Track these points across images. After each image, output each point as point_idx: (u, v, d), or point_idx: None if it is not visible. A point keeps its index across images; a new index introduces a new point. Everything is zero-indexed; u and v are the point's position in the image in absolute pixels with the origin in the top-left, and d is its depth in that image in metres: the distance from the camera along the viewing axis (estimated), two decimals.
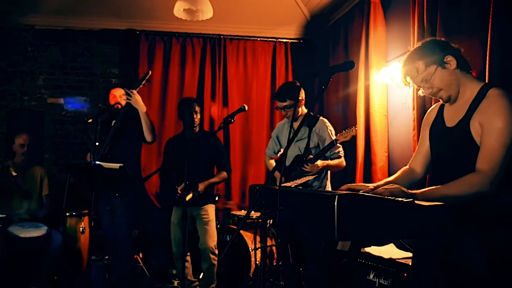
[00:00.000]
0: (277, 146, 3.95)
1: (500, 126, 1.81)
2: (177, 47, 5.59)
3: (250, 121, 5.71)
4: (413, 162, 2.27)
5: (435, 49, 1.98)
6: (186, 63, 5.59)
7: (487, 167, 1.81)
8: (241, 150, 5.67)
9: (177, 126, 5.48)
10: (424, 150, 2.21)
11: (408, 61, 2.03)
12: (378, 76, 4.15)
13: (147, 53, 5.51)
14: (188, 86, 5.59)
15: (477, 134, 1.88)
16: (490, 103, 1.87)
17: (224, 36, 5.66)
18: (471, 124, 1.90)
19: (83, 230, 4.36)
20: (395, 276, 2.78)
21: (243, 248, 4.17)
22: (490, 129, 1.83)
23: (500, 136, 1.81)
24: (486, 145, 1.84)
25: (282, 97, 3.59)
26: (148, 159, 5.42)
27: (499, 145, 1.81)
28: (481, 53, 2.61)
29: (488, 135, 1.84)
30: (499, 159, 1.80)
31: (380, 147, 4.16)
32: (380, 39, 4.24)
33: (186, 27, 5.49)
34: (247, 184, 5.60)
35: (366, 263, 3.01)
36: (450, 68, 1.96)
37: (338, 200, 1.52)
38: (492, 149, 1.82)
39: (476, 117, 1.90)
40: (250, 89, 5.75)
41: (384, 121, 4.20)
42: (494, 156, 1.81)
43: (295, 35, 5.86)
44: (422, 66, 1.98)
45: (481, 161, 1.84)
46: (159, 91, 5.54)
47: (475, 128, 1.89)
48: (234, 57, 5.73)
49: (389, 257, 2.91)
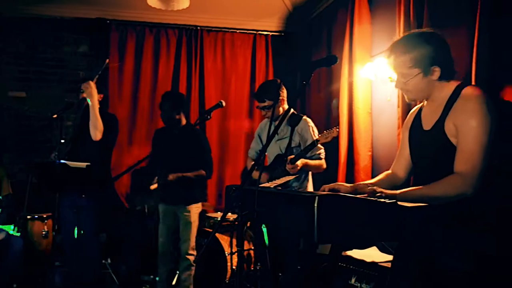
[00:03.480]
0: (260, 146, 3.94)
1: (474, 126, 1.85)
2: (150, 38, 5.53)
3: (228, 118, 5.69)
4: (395, 167, 2.31)
5: (429, 52, 1.97)
6: (160, 56, 5.54)
7: (466, 169, 1.84)
8: (217, 149, 5.65)
9: (149, 122, 5.43)
10: (405, 154, 2.24)
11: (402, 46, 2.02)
12: (362, 72, 4.18)
13: (118, 44, 5.43)
14: (162, 80, 5.54)
15: (452, 136, 1.92)
16: (464, 103, 1.91)
17: (201, 28, 5.63)
18: (445, 126, 1.94)
19: (46, 234, 4.28)
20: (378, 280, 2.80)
21: (219, 252, 4.16)
22: (465, 130, 1.87)
23: (475, 136, 1.84)
24: (463, 147, 1.87)
25: (261, 97, 3.60)
26: (118, 158, 5.35)
27: (476, 146, 1.84)
28: (468, 47, 2.65)
29: (464, 136, 1.87)
30: (478, 161, 1.84)
31: (363, 146, 4.20)
32: (365, 33, 4.27)
33: (160, 17, 5.43)
34: (223, 184, 5.59)
35: (347, 267, 3.03)
36: (431, 78, 1.99)
37: (318, 201, 1.53)
38: (469, 151, 1.85)
39: (450, 118, 1.93)
40: (229, 84, 5.73)
41: (368, 118, 4.23)
42: (472, 157, 1.84)
43: (276, 27, 5.86)
44: (408, 62, 1.98)
45: (460, 163, 1.87)
46: (131, 85, 5.48)
47: (450, 130, 1.93)
48: (212, 50, 5.70)
49: (372, 261, 2.94)
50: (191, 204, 4.01)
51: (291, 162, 3.37)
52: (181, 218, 4.01)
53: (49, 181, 3.38)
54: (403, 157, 2.27)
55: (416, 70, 1.98)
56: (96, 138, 3.66)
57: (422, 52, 1.97)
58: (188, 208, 3.99)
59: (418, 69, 1.98)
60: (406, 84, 2.03)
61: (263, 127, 3.97)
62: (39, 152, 5.44)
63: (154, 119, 5.39)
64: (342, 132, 4.35)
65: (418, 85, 2.00)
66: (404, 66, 2.00)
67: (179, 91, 5.51)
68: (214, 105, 3.74)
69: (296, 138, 3.59)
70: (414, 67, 1.98)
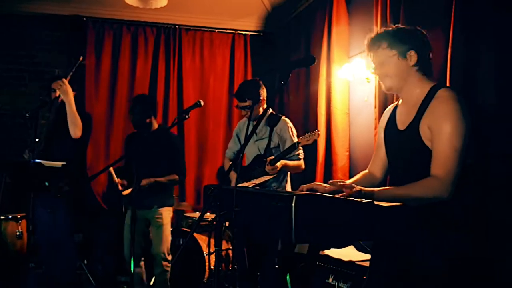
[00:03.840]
0: (238, 146, 3.94)
1: (449, 131, 1.87)
2: (128, 36, 5.48)
3: (207, 117, 5.68)
4: (372, 167, 2.33)
5: (403, 38, 2.02)
6: (138, 55, 5.49)
7: (442, 174, 1.87)
8: (196, 149, 5.63)
9: (126, 121, 5.38)
10: (381, 153, 2.27)
11: (377, 36, 2.08)
12: (340, 72, 4.22)
13: (95, 42, 5.36)
14: (140, 79, 5.49)
15: (426, 138, 1.95)
16: (438, 105, 1.93)
17: (180, 26, 5.60)
18: (420, 128, 1.97)
19: (20, 235, 4.21)
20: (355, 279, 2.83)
21: (197, 252, 4.15)
22: (440, 134, 1.89)
23: (450, 140, 1.87)
24: (438, 151, 1.90)
25: (242, 96, 3.60)
26: (95, 157, 5.29)
27: (450, 149, 1.87)
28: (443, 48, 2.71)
29: (439, 140, 1.89)
30: (453, 165, 1.87)
31: (341, 146, 4.24)
32: (342, 34, 4.32)
33: (138, 15, 5.38)
34: (202, 184, 5.58)
35: (325, 266, 3.05)
36: (408, 63, 2.02)
37: (296, 200, 1.54)
38: (444, 155, 1.88)
39: (425, 120, 1.95)
40: (207, 83, 5.72)
41: (345, 119, 4.28)
42: (447, 161, 1.87)
43: (255, 27, 5.87)
44: (385, 46, 2.03)
45: (436, 166, 1.90)
46: (108, 84, 5.41)
47: (424, 132, 1.95)
48: (190, 49, 5.67)
49: (349, 260, 2.97)
50: (162, 207, 3.98)
51: (271, 163, 3.38)
52: (153, 222, 3.96)
53: (23, 180, 3.33)
54: (379, 157, 2.29)
55: (392, 51, 2.02)
56: (76, 135, 3.64)
57: (398, 36, 2.02)
58: (160, 211, 3.96)
59: (394, 51, 2.01)
60: (383, 68, 2.05)
61: (241, 126, 3.97)
62: (13, 151, 5.33)
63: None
64: (320, 133, 4.38)
65: (395, 69, 2.03)
66: (380, 50, 2.04)
67: (157, 90, 5.48)
68: (193, 105, 3.71)
69: (275, 139, 3.60)
70: (390, 48, 2.02)
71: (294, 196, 1.54)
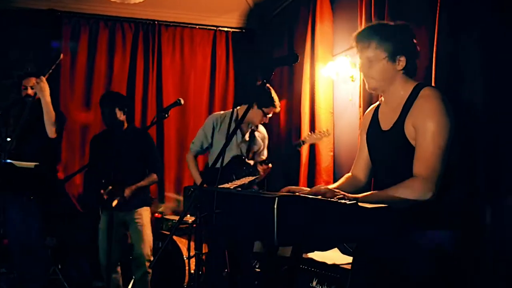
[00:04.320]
0: (208, 142, 3.89)
1: (433, 129, 1.89)
2: (105, 32, 5.41)
3: (187, 116, 5.65)
4: (355, 169, 2.34)
5: (397, 39, 2.00)
6: (115, 51, 5.43)
7: (426, 173, 1.88)
8: (176, 149, 5.60)
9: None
10: (364, 155, 2.27)
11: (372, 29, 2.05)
12: (324, 71, 4.24)
13: (70, 38, 5.28)
14: (118, 77, 5.43)
15: (411, 137, 1.96)
16: (422, 104, 1.94)
17: (159, 22, 5.56)
18: (405, 127, 1.98)
19: None
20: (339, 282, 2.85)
21: (177, 256, 4.12)
22: (424, 132, 1.91)
23: (434, 139, 1.88)
24: (421, 149, 1.91)
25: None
26: (70, 157, 5.22)
27: (434, 148, 1.88)
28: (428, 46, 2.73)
29: (422, 138, 1.91)
30: (436, 164, 1.88)
31: (325, 146, 4.25)
32: (326, 31, 4.34)
33: (116, 10, 5.32)
34: (182, 185, 5.54)
35: (308, 270, 3.06)
36: (396, 67, 2.02)
37: (278, 202, 1.53)
38: (428, 154, 1.89)
39: (410, 119, 1.97)
40: (187, 81, 5.69)
41: (329, 118, 4.30)
42: (431, 160, 1.88)
43: (237, 24, 5.86)
44: (376, 44, 2.00)
45: (419, 166, 1.91)
46: (84, 82, 5.34)
47: (409, 131, 1.97)
48: (170, 46, 5.64)
49: (333, 263, 2.98)
50: (141, 207, 3.95)
51: (265, 163, 3.43)
52: (132, 223, 3.93)
53: None
54: (362, 159, 2.30)
55: (382, 53, 2.00)
56: (53, 135, 3.62)
57: (390, 37, 2.00)
58: (139, 212, 3.93)
59: (385, 53, 2.00)
60: (370, 68, 2.04)
61: (219, 121, 3.88)
62: None
63: None
64: (303, 132, 4.40)
65: (382, 72, 2.02)
66: (370, 49, 2.01)
67: (135, 88, 5.44)
68: (172, 103, 3.69)
69: (258, 143, 3.68)
70: (380, 50, 2.00)
71: (276, 197, 1.54)
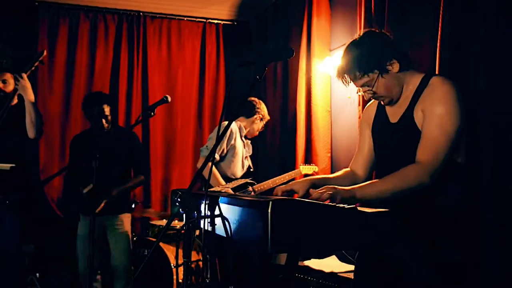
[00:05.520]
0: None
1: (440, 113, 1.92)
2: (86, 24, 5.40)
3: (175, 114, 5.65)
4: (354, 164, 2.37)
5: (377, 52, 2.02)
6: (97, 45, 5.42)
7: (427, 158, 1.91)
8: (163, 149, 5.59)
9: (84, 120, 5.29)
10: (365, 151, 2.31)
11: (345, 64, 2.08)
12: (321, 67, 4.26)
13: (48, 29, 5.26)
14: (100, 72, 5.42)
15: (421, 124, 1.99)
16: (433, 90, 1.98)
17: (144, 14, 5.55)
18: (414, 114, 2.01)
19: None
20: None
21: (164, 264, 4.12)
22: (431, 116, 1.94)
23: (440, 123, 1.91)
24: (426, 134, 1.94)
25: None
26: (49, 159, 5.19)
27: (440, 133, 1.91)
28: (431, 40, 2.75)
29: (429, 122, 1.94)
30: (441, 150, 1.91)
31: (322, 147, 4.27)
32: (324, 25, 4.35)
33: (97, 1, 5.32)
34: (169, 188, 5.54)
35: (305, 278, 3.07)
36: (392, 72, 2.05)
37: (272, 206, 1.54)
38: (432, 138, 1.92)
39: (419, 105, 2.01)
40: (175, 77, 5.69)
41: (327, 117, 4.31)
42: (435, 146, 1.91)
43: (228, 16, 5.87)
44: (359, 73, 2.04)
45: (421, 151, 1.94)
46: (63, 78, 5.32)
47: (418, 117, 2.00)
48: (156, 39, 5.63)
49: (331, 271, 3.00)
50: (123, 213, 3.95)
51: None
52: (112, 229, 3.92)
53: None
54: (362, 154, 2.33)
55: (373, 74, 2.03)
56: (33, 136, 3.62)
57: (370, 59, 2.01)
58: (121, 217, 3.93)
59: (375, 71, 2.02)
60: (374, 92, 2.07)
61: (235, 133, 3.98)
62: None
63: None
64: (299, 132, 4.42)
65: (386, 85, 2.05)
66: (359, 78, 2.05)
67: (119, 84, 5.43)
68: (159, 101, 3.68)
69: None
70: (368, 72, 2.02)
71: (270, 201, 1.54)
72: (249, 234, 1.71)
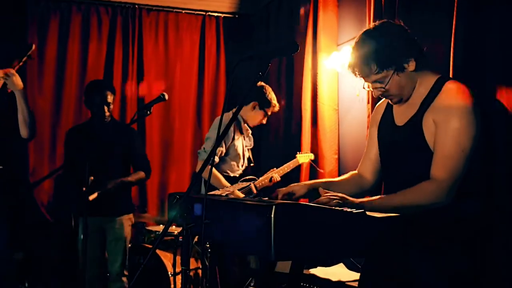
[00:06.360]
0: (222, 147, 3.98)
1: (457, 127, 1.90)
2: (78, 17, 5.41)
3: (172, 113, 5.65)
4: (362, 167, 2.36)
5: (395, 49, 2.00)
6: (90, 39, 5.42)
7: (443, 175, 1.90)
8: (160, 150, 5.60)
9: (76, 117, 5.31)
10: (373, 153, 2.30)
11: (361, 56, 2.04)
12: (327, 62, 4.25)
13: (38, 23, 5.27)
14: (93, 68, 5.43)
15: (429, 133, 1.97)
16: (446, 99, 1.95)
17: (140, 6, 5.56)
18: (423, 122, 1.99)
19: None
20: None
21: (161, 273, 4.12)
22: (446, 130, 1.92)
23: (457, 138, 1.89)
24: (441, 149, 1.92)
25: None
26: (39, 161, 5.20)
27: (456, 149, 1.89)
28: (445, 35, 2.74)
29: (444, 137, 1.92)
30: (457, 166, 1.89)
31: (329, 148, 4.26)
32: (331, 18, 4.35)
33: None
34: (166, 192, 5.54)
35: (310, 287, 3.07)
36: (408, 70, 2.03)
37: (276, 211, 1.53)
38: (448, 154, 1.90)
39: (430, 113, 1.98)
40: (172, 73, 5.69)
41: (334, 116, 4.31)
42: (451, 162, 1.90)
43: (229, 8, 5.87)
44: (376, 68, 2.00)
45: (437, 167, 1.92)
46: (54, 74, 5.33)
47: (428, 127, 1.97)
48: (153, 33, 5.64)
49: (338, 280, 2.99)
50: (123, 215, 3.95)
51: None
52: (111, 233, 3.94)
53: None
54: (370, 157, 2.32)
55: (388, 72, 2.00)
56: (25, 135, 3.61)
57: (388, 53, 1.99)
58: (119, 220, 3.93)
59: (391, 68, 2.00)
60: (385, 90, 2.05)
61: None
62: None
63: (84, 114, 5.27)
64: (304, 132, 4.41)
65: (399, 84, 2.03)
66: (374, 73, 2.02)
67: (113, 81, 5.42)
68: (155, 99, 3.70)
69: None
70: (384, 70, 2.00)
71: (273, 205, 1.54)
72: (251, 241, 1.70)
